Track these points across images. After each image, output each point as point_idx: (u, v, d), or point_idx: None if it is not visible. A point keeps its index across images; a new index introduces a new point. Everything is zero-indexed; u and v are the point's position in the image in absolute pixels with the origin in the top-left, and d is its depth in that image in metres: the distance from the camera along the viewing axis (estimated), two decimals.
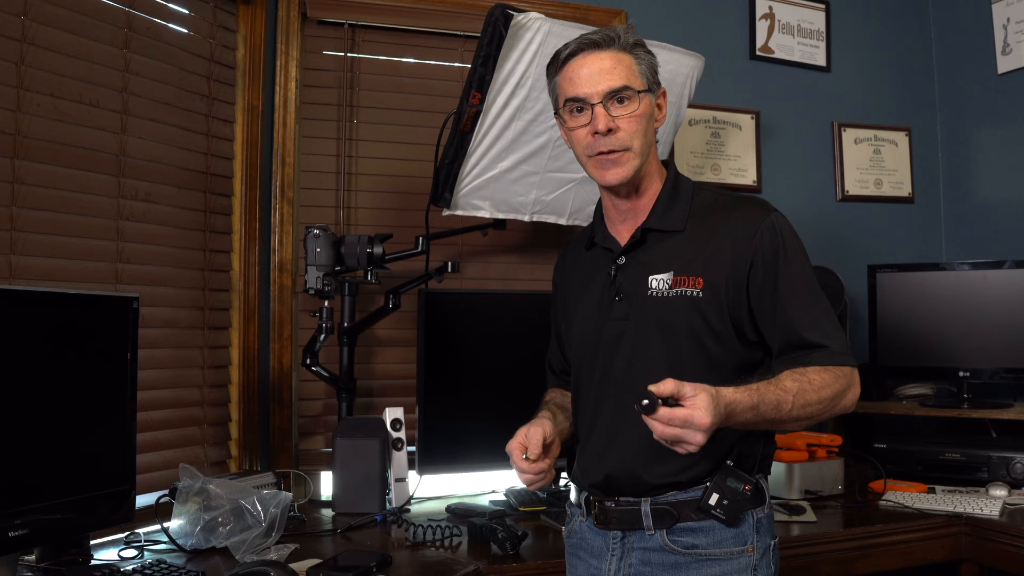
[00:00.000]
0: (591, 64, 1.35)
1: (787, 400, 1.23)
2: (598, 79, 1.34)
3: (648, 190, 1.42)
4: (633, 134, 1.35)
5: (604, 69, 1.34)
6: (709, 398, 1.13)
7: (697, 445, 1.13)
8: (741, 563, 1.32)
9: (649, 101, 1.38)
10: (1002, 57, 2.84)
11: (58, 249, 1.84)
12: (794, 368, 1.28)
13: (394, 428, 2.18)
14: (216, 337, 2.22)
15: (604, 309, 1.41)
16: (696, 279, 1.33)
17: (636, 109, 1.35)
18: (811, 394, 1.25)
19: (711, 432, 1.13)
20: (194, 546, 1.72)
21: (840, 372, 1.30)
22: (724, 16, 2.87)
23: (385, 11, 2.44)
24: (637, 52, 1.38)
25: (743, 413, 1.19)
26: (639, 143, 1.36)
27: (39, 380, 1.52)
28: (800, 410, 1.25)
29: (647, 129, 1.37)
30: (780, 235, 1.34)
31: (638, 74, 1.36)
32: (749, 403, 1.20)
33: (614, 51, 1.36)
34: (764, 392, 1.22)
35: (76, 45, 1.87)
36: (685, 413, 1.11)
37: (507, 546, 1.73)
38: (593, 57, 1.35)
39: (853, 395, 1.32)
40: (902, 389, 2.76)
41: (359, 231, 2.40)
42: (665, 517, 1.33)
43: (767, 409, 1.22)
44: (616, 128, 1.34)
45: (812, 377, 1.27)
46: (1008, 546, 1.95)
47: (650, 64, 1.39)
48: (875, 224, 3.02)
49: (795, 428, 1.32)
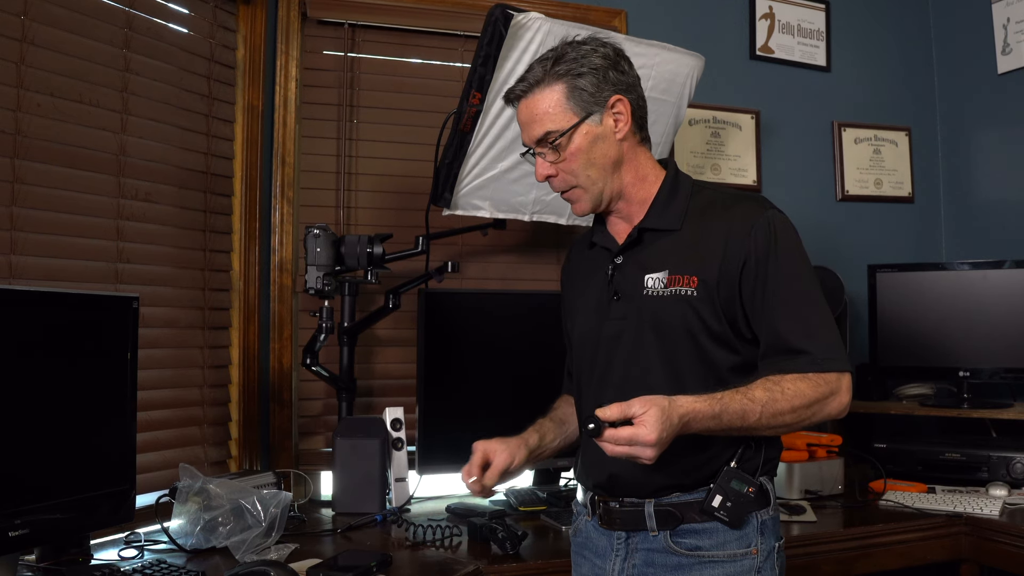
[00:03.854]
0: (521, 115, 1.40)
1: (754, 410, 1.22)
2: (527, 128, 1.39)
3: (640, 193, 1.42)
4: (573, 172, 1.38)
5: (531, 119, 1.38)
6: (658, 413, 1.15)
7: (649, 459, 1.16)
8: (745, 565, 1.32)
9: (587, 130, 1.35)
10: (1002, 57, 2.84)
11: (58, 249, 1.84)
12: (771, 375, 1.27)
13: (394, 428, 2.18)
14: (216, 337, 2.22)
15: (603, 309, 1.42)
16: (691, 278, 1.33)
17: (569, 148, 1.36)
18: (782, 403, 1.24)
19: (664, 444, 1.16)
20: (194, 546, 1.72)
21: (821, 379, 1.27)
22: (724, 16, 2.87)
23: (385, 11, 2.44)
24: (569, 79, 1.34)
25: (702, 422, 1.21)
26: (583, 176, 1.37)
27: (39, 380, 1.52)
28: (771, 419, 1.24)
29: (590, 160, 1.36)
30: (774, 233, 1.32)
31: (566, 109, 1.35)
32: (709, 412, 1.21)
33: (539, 92, 1.36)
34: (728, 402, 1.22)
35: (76, 45, 1.87)
36: (630, 432, 1.14)
37: (507, 546, 1.73)
38: (522, 107, 1.39)
39: (838, 403, 1.28)
40: (902, 389, 2.76)
41: (359, 231, 2.40)
42: (669, 518, 1.33)
43: (731, 419, 1.22)
44: (554, 174, 1.39)
45: (787, 386, 1.25)
46: (1008, 546, 1.95)
47: (591, 82, 1.34)
48: (875, 224, 3.02)
49: (770, 435, 1.30)
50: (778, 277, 1.30)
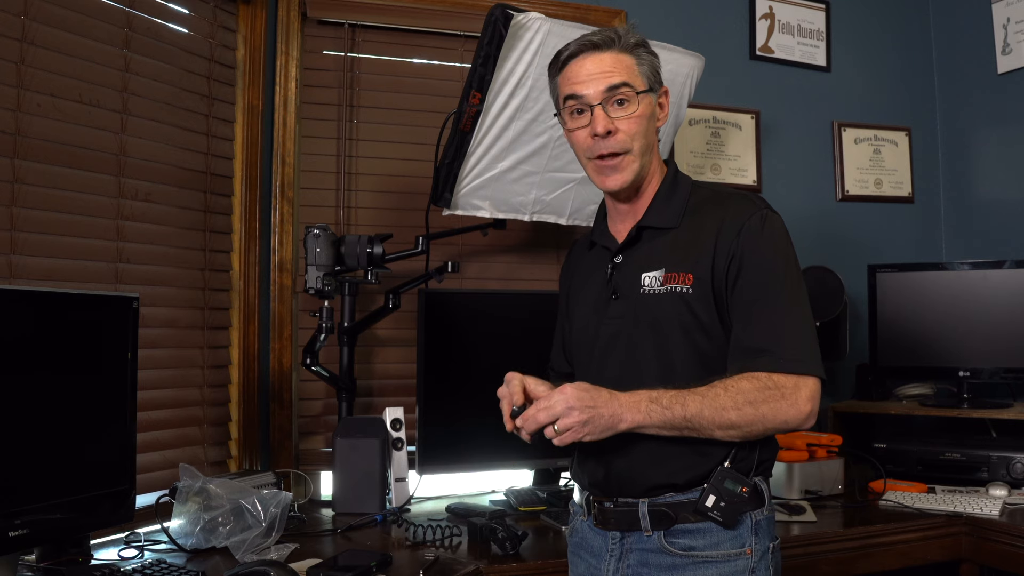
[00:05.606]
0: (591, 65, 1.36)
1: (694, 400, 1.24)
2: (598, 79, 1.35)
3: (647, 189, 1.42)
4: (633, 136, 1.35)
5: (604, 70, 1.35)
6: (568, 386, 1.24)
7: (579, 422, 1.21)
8: (739, 565, 1.32)
9: (650, 101, 1.38)
10: (1002, 57, 2.84)
11: (58, 249, 1.84)
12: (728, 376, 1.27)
13: (394, 428, 2.19)
14: (216, 337, 2.22)
15: (601, 308, 1.42)
16: (686, 275, 1.33)
17: (636, 110, 1.35)
18: (724, 399, 1.23)
19: (587, 406, 1.21)
20: (194, 546, 1.72)
21: (772, 380, 1.24)
22: (724, 16, 2.87)
23: (385, 11, 2.44)
24: (638, 52, 1.38)
25: (641, 402, 1.24)
26: (639, 144, 1.36)
27: (39, 380, 1.51)
28: (715, 414, 1.23)
29: (647, 130, 1.37)
30: (760, 233, 1.31)
31: (639, 74, 1.36)
32: (647, 395, 1.25)
33: (614, 52, 1.36)
34: (668, 389, 1.26)
35: (76, 45, 1.87)
36: (540, 404, 1.22)
37: (507, 546, 1.73)
38: (593, 58, 1.36)
39: (791, 408, 1.24)
40: (902, 389, 2.76)
41: (359, 231, 2.40)
42: (663, 518, 1.33)
43: (671, 402, 1.24)
44: (615, 130, 1.35)
45: (731, 383, 1.24)
46: (1008, 546, 1.95)
47: (652, 64, 1.39)
48: (875, 224, 3.02)
49: (725, 436, 1.26)
50: (756, 277, 1.30)
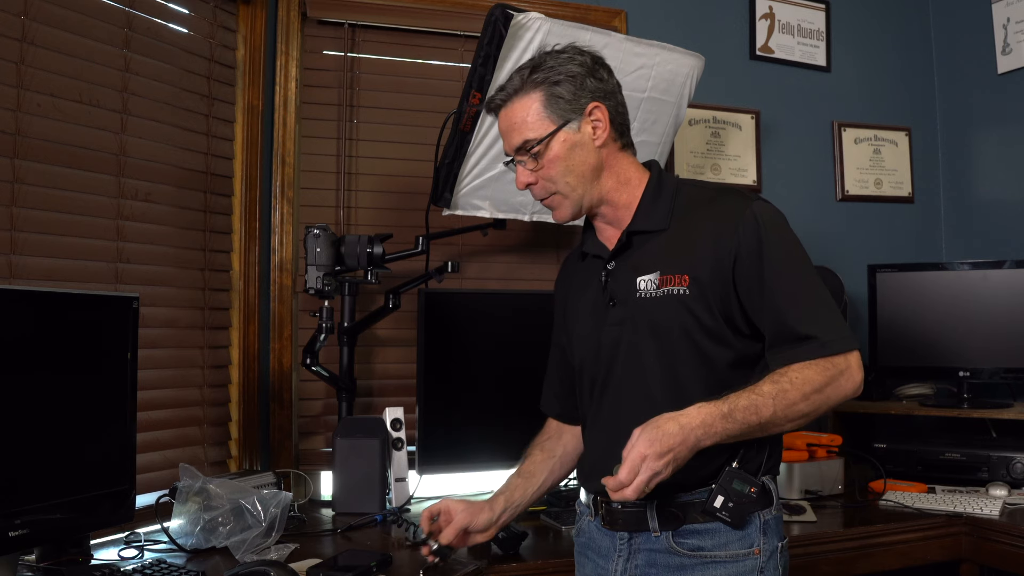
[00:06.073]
0: (501, 124, 1.42)
1: (766, 404, 1.22)
2: (508, 137, 1.41)
3: (624, 197, 1.41)
4: (552, 179, 1.39)
5: (510, 128, 1.40)
6: (639, 430, 1.20)
7: (655, 469, 1.18)
8: (747, 565, 1.32)
9: (564, 137, 1.36)
10: (1002, 57, 2.84)
11: (58, 249, 1.84)
12: (778, 368, 1.27)
13: (394, 428, 2.19)
14: (216, 337, 2.22)
15: (600, 316, 1.42)
16: (682, 277, 1.32)
17: (547, 155, 1.37)
18: (792, 393, 1.24)
19: (664, 449, 1.18)
20: (194, 546, 1.72)
21: (829, 363, 1.26)
22: (724, 16, 2.87)
23: (385, 11, 2.44)
24: (547, 85, 1.36)
25: (716, 423, 1.21)
26: (563, 183, 1.38)
27: (39, 380, 1.51)
28: (786, 410, 1.24)
29: (570, 165, 1.37)
30: (761, 224, 1.31)
31: (545, 116, 1.36)
32: (718, 412, 1.21)
33: (517, 100, 1.38)
34: (736, 399, 1.23)
35: (76, 45, 1.87)
36: (619, 473, 1.19)
37: (507, 546, 1.73)
38: (502, 116, 1.41)
39: (851, 382, 1.27)
40: (902, 389, 2.75)
41: (359, 231, 2.40)
42: (671, 519, 1.33)
43: (744, 415, 1.22)
44: (534, 182, 1.41)
45: (794, 376, 1.25)
46: (1008, 546, 1.95)
47: (570, 87, 1.36)
48: (875, 224, 3.02)
49: (793, 428, 1.29)
50: (772, 267, 1.30)
